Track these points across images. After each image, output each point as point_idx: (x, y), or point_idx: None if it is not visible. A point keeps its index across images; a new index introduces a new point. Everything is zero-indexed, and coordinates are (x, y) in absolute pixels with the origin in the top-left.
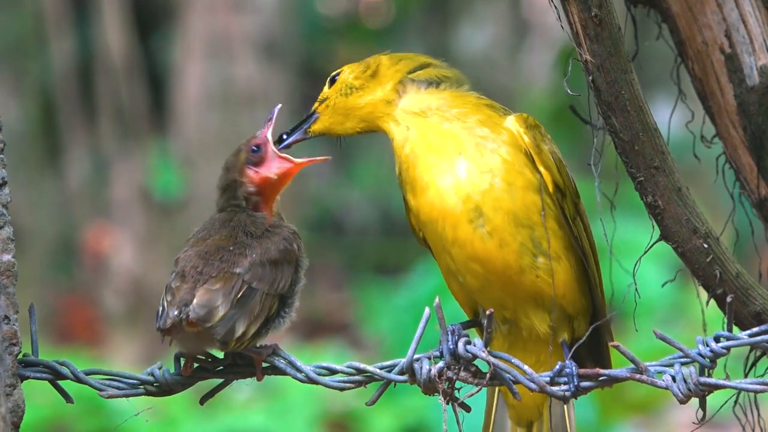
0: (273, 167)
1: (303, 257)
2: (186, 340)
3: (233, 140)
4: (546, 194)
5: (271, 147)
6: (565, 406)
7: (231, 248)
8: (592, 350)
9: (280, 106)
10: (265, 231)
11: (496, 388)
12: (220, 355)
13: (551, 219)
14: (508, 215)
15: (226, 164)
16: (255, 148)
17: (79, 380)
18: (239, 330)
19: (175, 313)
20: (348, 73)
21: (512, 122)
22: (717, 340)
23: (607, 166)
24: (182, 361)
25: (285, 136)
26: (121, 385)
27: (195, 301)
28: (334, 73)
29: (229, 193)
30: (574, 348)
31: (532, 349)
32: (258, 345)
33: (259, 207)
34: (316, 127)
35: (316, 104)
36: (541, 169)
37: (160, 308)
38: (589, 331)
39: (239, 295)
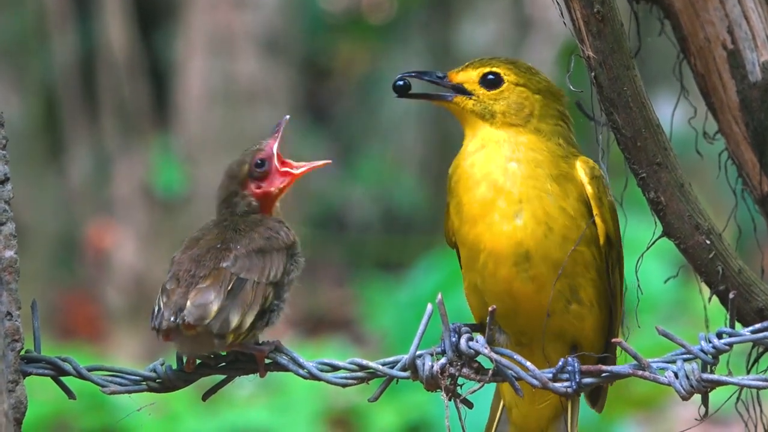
0: (275, 182)
1: (297, 248)
2: (185, 343)
3: (235, 137)
4: (595, 246)
5: (276, 162)
6: (569, 425)
7: (218, 246)
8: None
9: (288, 117)
10: (253, 225)
11: (500, 405)
12: (223, 351)
13: (593, 269)
14: (555, 265)
15: (228, 172)
16: (259, 162)
17: (81, 376)
18: (234, 321)
19: (172, 318)
20: (503, 99)
21: (579, 168)
22: (719, 336)
23: (612, 161)
24: (184, 357)
25: (404, 82)
26: (123, 381)
27: (188, 303)
28: (494, 77)
29: (229, 206)
30: (579, 353)
31: (539, 364)
32: (260, 342)
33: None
34: (439, 104)
35: (462, 85)
36: (599, 221)
37: (156, 308)
38: (598, 355)
39: (229, 287)
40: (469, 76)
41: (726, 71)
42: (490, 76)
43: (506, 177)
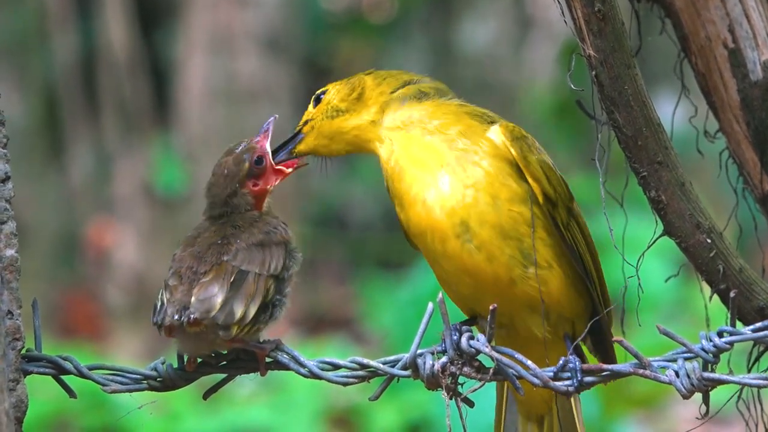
0: (271, 180)
1: (292, 244)
2: (188, 341)
3: (236, 135)
4: (536, 205)
5: (270, 159)
6: (573, 401)
7: (219, 241)
8: (599, 348)
9: (276, 116)
10: (251, 222)
11: (505, 385)
12: (224, 350)
13: (540, 228)
14: (494, 229)
15: (225, 172)
16: (257, 160)
17: (82, 375)
18: (238, 311)
19: (176, 317)
20: (334, 95)
21: (497, 133)
22: (720, 335)
23: (612, 160)
24: (185, 356)
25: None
26: (124, 380)
27: (193, 299)
28: (319, 92)
29: (227, 205)
30: (574, 344)
31: (533, 348)
32: (261, 340)
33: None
34: (302, 147)
35: (301, 124)
36: (530, 181)
37: (159, 303)
38: (587, 328)
39: (232, 279)
40: (307, 112)
41: (727, 70)
42: (320, 96)
43: (426, 150)
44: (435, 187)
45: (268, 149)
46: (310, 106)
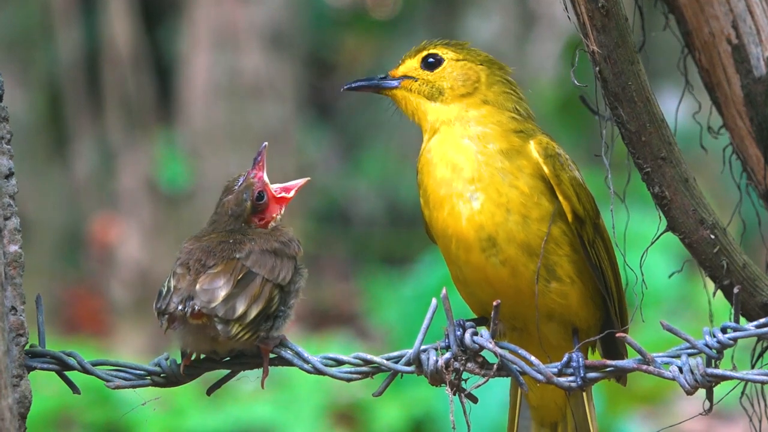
0: (275, 210)
1: (302, 265)
2: (189, 334)
3: (240, 131)
4: (564, 223)
5: (270, 190)
6: (587, 407)
7: (231, 241)
8: (609, 354)
9: (266, 144)
10: (263, 233)
11: (519, 391)
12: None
13: (567, 246)
14: (522, 246)
15: (229, 212)
16: (259, 195)
17: (85, 371)
18: (239, 309)
19: (180, 307)
20: (447, 74)
21: (532, 149)
22: (724, 331)
23: (615, 156)
24: (188, 351)
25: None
26: (127, 375)
27: (197, 287)
28: (432, 53)
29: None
30: (583, 342)
31: (547, 351)
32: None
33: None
34: (391, 94)
35: (400, 74)
36: (561, 199)
37: (164, 289)
38: (598, 336)
39: (240, 277)
40: (410, 66)
41: (731, 66)
42: (430, 59)
43: (460, 153)
44: (464, 199)
45: (266, 179)
46: (416, 61)
